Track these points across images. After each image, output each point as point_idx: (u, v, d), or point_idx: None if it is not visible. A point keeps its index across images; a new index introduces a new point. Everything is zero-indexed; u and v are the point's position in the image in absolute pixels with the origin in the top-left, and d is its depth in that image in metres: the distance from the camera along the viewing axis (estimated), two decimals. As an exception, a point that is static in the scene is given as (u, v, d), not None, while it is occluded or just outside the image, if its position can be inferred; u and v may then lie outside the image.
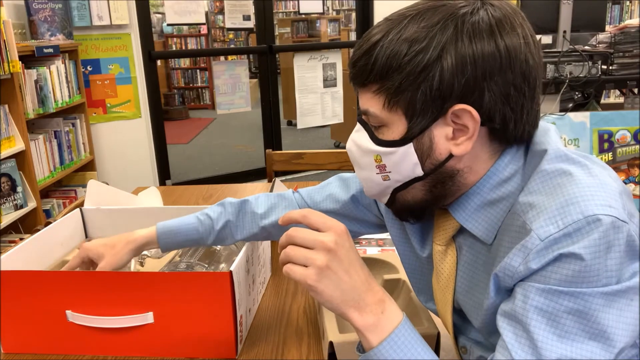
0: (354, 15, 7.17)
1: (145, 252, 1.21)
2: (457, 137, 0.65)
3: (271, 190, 1.37)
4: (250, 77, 4.48)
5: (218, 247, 1.13)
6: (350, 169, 2.22)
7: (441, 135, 0.65)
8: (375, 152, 0.69)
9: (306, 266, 0.64)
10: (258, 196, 1.03)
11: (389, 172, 0.69)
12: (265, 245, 1.20)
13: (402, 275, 1.04)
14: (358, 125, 0.72)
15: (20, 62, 2.59)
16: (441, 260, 0.76)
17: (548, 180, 0.62)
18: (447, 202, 0.71)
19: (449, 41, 0.61)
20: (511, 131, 0.65)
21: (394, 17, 0.66)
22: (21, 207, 2.64)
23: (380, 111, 0.66)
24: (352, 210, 0.98)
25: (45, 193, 3.17)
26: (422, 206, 0.72)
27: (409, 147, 0.66)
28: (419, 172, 0.67)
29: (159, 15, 8.17)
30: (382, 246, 1.42)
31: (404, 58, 0.62)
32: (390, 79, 0.64)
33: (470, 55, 0.61)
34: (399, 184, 0.70)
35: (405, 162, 0.67)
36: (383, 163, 0.69)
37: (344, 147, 0.82)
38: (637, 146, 2.26)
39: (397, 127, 0.66)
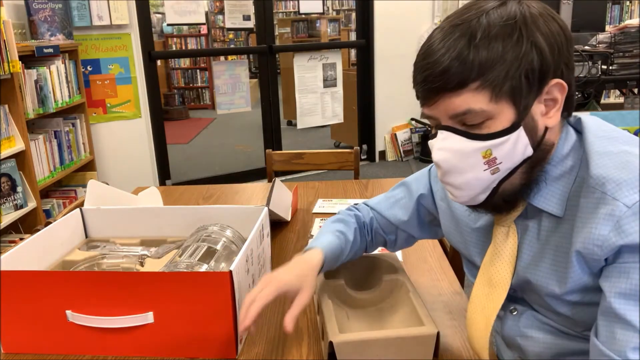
0: (354, 15, 7.16)
1: (145, 252, 1.21)
2: (548, 111, 0.72)
3: (271, 190, 1.37)
4: (250, 77, 4.48)
5: (218, 247, 1.13)
6: (350, 168, 2.22)
7: (537, 112, 0.71)
8: (485, 148, 0.71)
9: None
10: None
11: (500, 163, 0.71)
12: (265, 245, 1.20)
13: (402, 275, 1.05)
14: (443, 133, 0.73)
15: (20, 62, 2.59)
16: (503, 241, 0.81)
17: (615, 158, 0.69)
18: (536, 185, 0.75)
19: (532, 26, 0.68)
20: (572, 102, 0.74)
21: (457, 22, 0.70)
22: (21, 207, 2.64)
23: (487, 105, 0.69)
24: (417, 215, 1.03)
25: (45, 193, 3.17)
26: (520, 191, 0.75)
27: (520, 131, 0.70)
28: (529, 151, 0.72)
29: (159, 15, 8.17)
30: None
31: (503, 49, 0.67)
32: (494, 72, 0.67)
33: (551, 34, 0.69)
34: (507, 172, 0.72)
35: (518, 147, 0.71)
36: (493, 156, 0.71)
37: (344, 147, 0.82)
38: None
39: (505, 115, 0.70)
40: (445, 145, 0.73)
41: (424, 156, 4.83)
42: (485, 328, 0.82)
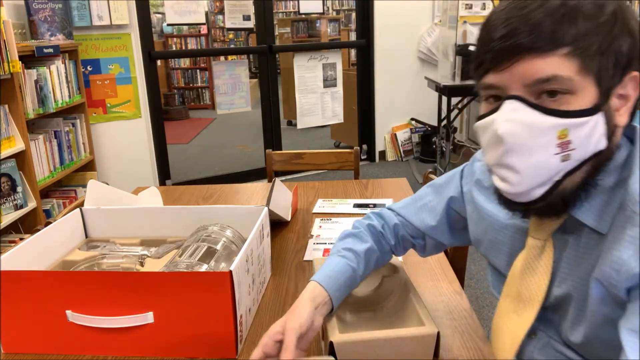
0: (354, 15, 7.16)
1: (145, 252, 1.21)
2: (619, 107, 0.64)
3: (271, 190, 1.37)
4: (250, 77, 4.48)
5: (218, 247, 1.13)
6: (350, 168, 2.22)
7: (612, 105, 0.64)
8: (562, 126, 0.61)
9: None
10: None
11: (573, 149, 0.62)
12: (265, 245, 1.20)
13: (403, 275, 1.04)
14: (514, 103, 0.63)
15: (20, 62, 2.60)
16: (537, 256, 0.72)
17: None
18: (592, 190, 0.67)
19: (625, 10, 0.63)
20: (637, 106, 0.66)
21: None
22: (21, 207, 2.64)
23: (575, 75, 0.61)
24: (446, 220, 0.97)
25: (45, 193, 3.17)
26: (576, 194, 0.65)
27: (600, 117, 0.62)
28: (603, 144, 0.63)
29: (159, 15, 8.17)
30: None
31: (601, 20, 0.61)
32: (587, 41, 0.60)
33: (635, 25, 0.63)
34: (576, 164, 0.63)
35: (595, 134, 0.62)
36: (568, 139, 0.61)
37: (344, 147, 0.80)
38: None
39: (588, 94, 0.62)
40: (515, 117, 0.62)
41: (424, 156, 4.83)
42: (511, 347, 0.75)
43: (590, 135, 0.62)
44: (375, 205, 1.66)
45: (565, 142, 0.61)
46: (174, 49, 8.45)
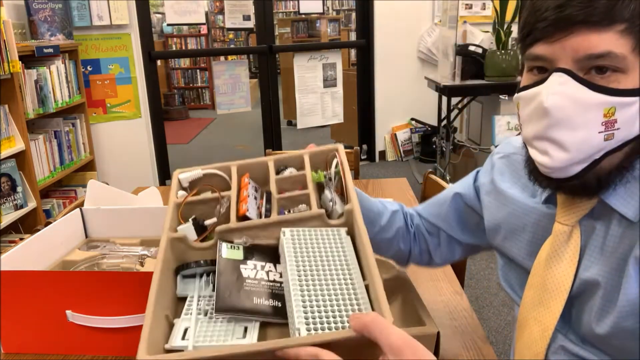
0: (354, 15, 7.17)
1: (145, 252, 1.21)
2: None
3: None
4: (250, 77, 4.48)
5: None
6: (350, 168, 2.21)
7: None
8: (610, 104, 0.61)
9: None
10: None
11: (618, 128, 0.61)
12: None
13: (402, 274, 1.04)
14: (563, 77, 0.62)
15: (20, 62, 2.60)
16: (564, 243, 0.71)
17: None
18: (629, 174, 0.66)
19: None
20: None
21: None
22: (21, 207, 2.64)
23: (629, 53, 0.60)
24: (454, 211, 0.95)
25: (45, 193, 3.17)
26: (612, 177, 0.65)
27: None
28: None
29: (159, 15, 8.17)
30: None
31: None
32: None
33: None
34: (618, 144, 0.62)
35: None
36: (614, 118, 0.61)
37: (344, 147, 0.78)
38: None
39: (638, 74, 0.61)
40: (564, 91, 0.61)
41: (424, 156, 4.83)
42: (542, 337, 0.73)
43: (636, 116, 0.61)
44: (375, 205, 1.66)
45: (611, 120, 0.61)
46: (174, 49, 8.45)
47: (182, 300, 0.75)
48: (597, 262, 0.68)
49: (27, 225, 2.72)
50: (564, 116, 0.61)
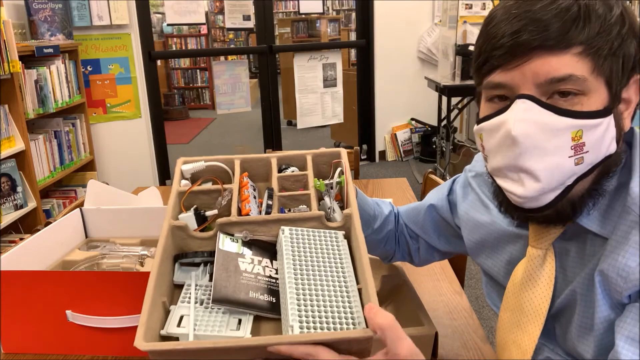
0: (354, 15, 7.16)
1: (145, 252, 1.21)
2: (623, 111, 0.63)
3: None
4: (250, 77, 4.48)
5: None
6: (349, 168, 2.21)
7: (619, 108, 0.63)
8: (577, 127, 0.59)
9: None
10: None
11: (587, 152, 0.60)
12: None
13: (402, 275, 1.04)
14: (526, 103, 0.60)
15: (20, 62, 2.60)
16: (538, 267, 0.70)
17: None
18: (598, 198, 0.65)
19: (630, 11, 0.61)
20: (636, 112, 0.65)
21: None
22: (21, 207, 2.64)
23: (589, 75, 0.59)
24: (431, 221, 0.96)
25: (45, 193, 3.17)
26: (585, 200, 0.63)
27: (611, 119, 0.61)
28: (613, 147, 0.62)
29: (159, 15, 8.17)
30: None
31: (611, 20, 0.59)
32: (599, 42, 0.59)
33: (637, 27, 0.62)
34: (589, 168, 0.61)
35: (607, 137, 0.61)
36: (582, 141, 0.59)
37: (344, 147, 0.79)
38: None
39: (600, 96, 0.60)
40: (530, 117, 0.60)
41: (424, 156, 4.83)
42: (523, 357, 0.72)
43: (602, 137, 0.60)
44: (375, 205, 1.66)
45: (579, 144, 0.59)
46: (174, 49, 8.45)
47: (178, 287, 0.75)
48: (573, 280, 0.68)
49: (27, 225, 2.72)
50: (533, 143, 0.60)
